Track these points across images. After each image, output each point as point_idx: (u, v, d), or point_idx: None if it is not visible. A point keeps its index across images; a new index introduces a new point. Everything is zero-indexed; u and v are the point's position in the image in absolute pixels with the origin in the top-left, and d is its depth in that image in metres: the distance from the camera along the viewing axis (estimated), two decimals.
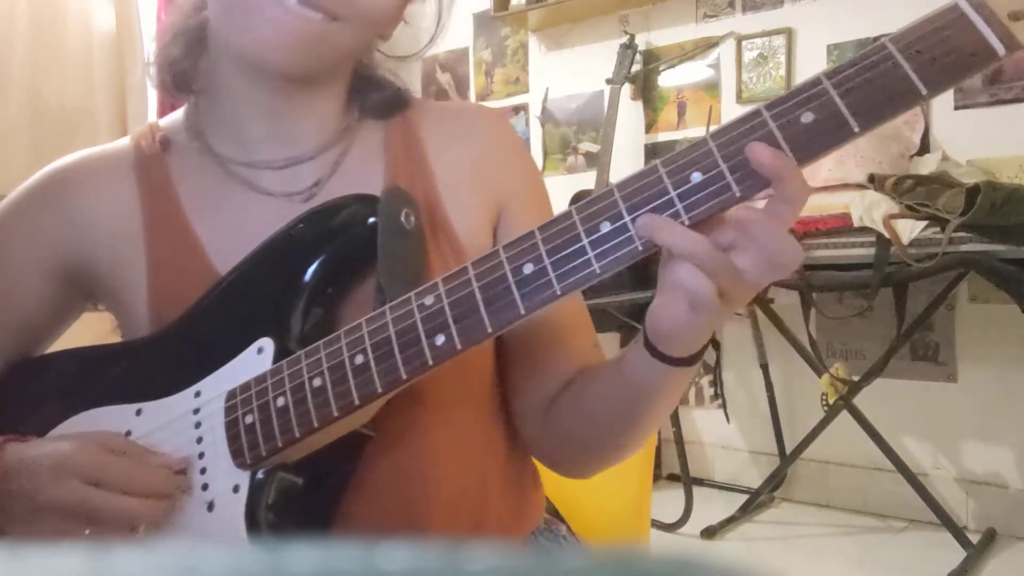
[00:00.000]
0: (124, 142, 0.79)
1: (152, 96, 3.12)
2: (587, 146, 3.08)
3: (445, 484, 0.71)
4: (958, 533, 2.11)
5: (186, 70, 0.76)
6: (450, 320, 0.58)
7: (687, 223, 0.54)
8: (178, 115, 0.80)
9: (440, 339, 0.58)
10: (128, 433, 0.68)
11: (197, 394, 0.67)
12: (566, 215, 0.56)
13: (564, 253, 0.55)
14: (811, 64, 2.62)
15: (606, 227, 0.55)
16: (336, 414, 0.60)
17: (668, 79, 2.93)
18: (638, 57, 2.89)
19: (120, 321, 0.77)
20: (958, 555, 2.06)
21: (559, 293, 0.55)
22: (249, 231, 0.71)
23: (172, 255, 0.73)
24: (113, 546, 0.17)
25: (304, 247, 0.68)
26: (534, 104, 3.23)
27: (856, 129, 0.51)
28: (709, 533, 2.35)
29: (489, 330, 0.57)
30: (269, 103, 0.73)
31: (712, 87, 2.82)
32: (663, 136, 2.94)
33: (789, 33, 2.65)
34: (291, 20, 0.64)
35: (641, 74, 2.94)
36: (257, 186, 0.74)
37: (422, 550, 0.16)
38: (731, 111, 2.79)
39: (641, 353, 0.62)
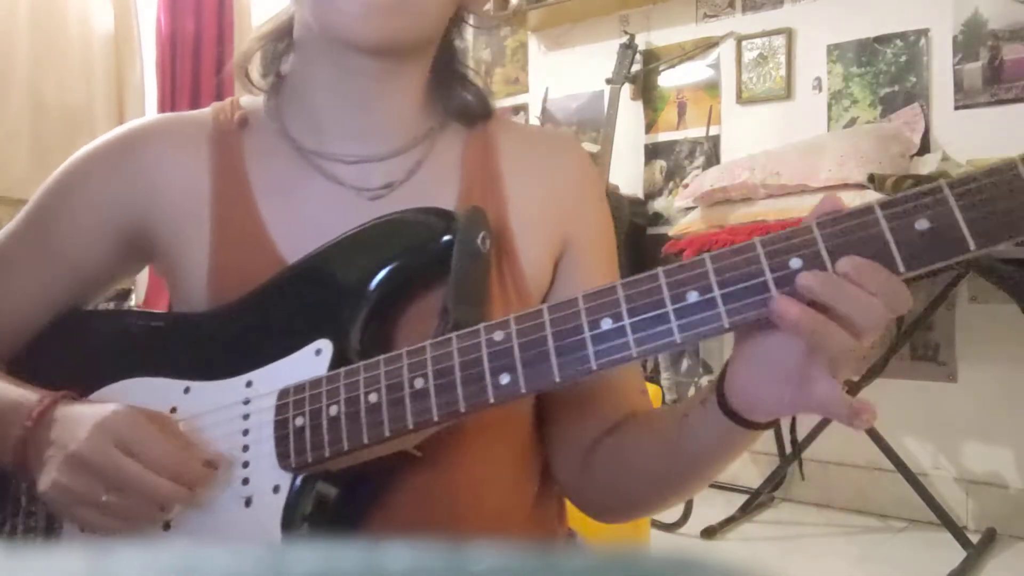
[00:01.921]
0: (205, 112, 0.79)
1: (151, 95, 3.12)
2: (587, 146, 3.08)
3: (472, 511, 0.70)
4: (958, 533, 2.11)
5: (272, 63, 0.78)
6: (518, 361, 0.57)
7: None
8: (259, 96, 0.80)
9: (505, 378, 0.57)
10: (173, 410, 0.68)
11: (249, 384, 0.66)
12: (652, 276, 0.55)
13: (647, 315, 0.54)
14: (811, 64, 2.62)
15: (693, 296, 0.53)
16: (387, 435, 0.60)
17: (668, 79, 2.93)
18: (638, 57, 2.89)
19: (174, 291, 0.76)
20: (958, 555, 2.05)
21: (634, 355, 0.54)
22: (315, 218, 0.71)
23: (237, 234, 0.73)
24: (113, 546, 0.17)
25: (375, 253, 0.67)
26: (534, 104, 3.23)
27: (972, 247, 0.49)
28: (709, 533, 2.34)
29: (557, 379, 0.56)
30: (347, 96, 0.73)
31: (712, 87, 2.82)
32: (663, 136, 2.94)
33: (789, 33, 2.65)
34: None
35: (641, 74, 2.94)
36: (330, 174, 0.74)
37: (424, 550, 0.16)
38: (731, 111, 2.79)
39: (713, 415, 0.60)
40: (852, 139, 2.27)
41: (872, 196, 2.07)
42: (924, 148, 2.35)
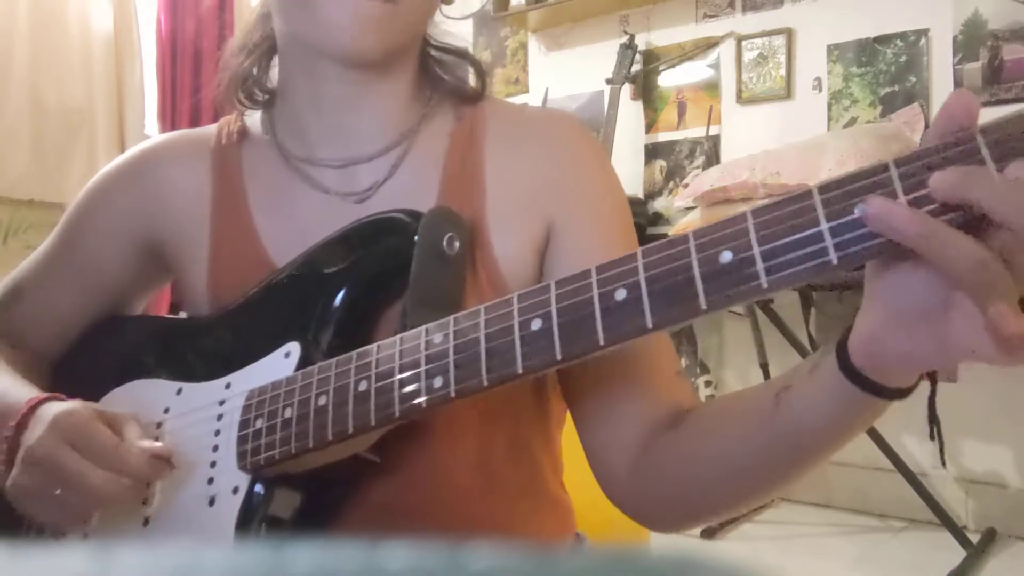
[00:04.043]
0: (211, 127, 0.83)
1: (151, 96, 3.12)
2: None
3: (448, 517, 0.69)
4: (958, 533, 2.11)
5: (258, 80, 0.80)
6: (451, 364, 0.55)
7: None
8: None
9: (438, 382, 0.55)
10: (167, 410, 0.71)
11: (227, 386, 0.68)
12: (585, 274, 0.51)
13: (573, 317, 0.50)
14: (811, 64, 2.62)
15: (621, 295, 0.49)
16: (330, 438, 0.59)
17: (668, 79, 2.93)
18: (638, 57, 2.90)
19: (184, 298, 0.80)
20: (958, 555, 2.06)
21: (559, 358, 0.51)
22: (304, 226, 0.73)
23: (232, 242, 0.76)
24: (114, 546, 0.17)
25: (344, 257, 0.68)
26: (534, 104, 3.22)
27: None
28: (709, 533, 2.34)
29: (484, 383, 0.53)
30: (330, 102, 0.74)
31: (712, 87, 2.82)
32: (663, 136, 2.94)
33: (789, 33, 2.65)
34: (355, 5, 0.66)
35: (641, 74, 2.94)
36: (317, 183, 0.75)
37: (423, 550, 0.16)
38: (731, 111, 2.79)
39: (828, 380, 0.51)
40: (852, 139, 2.27)
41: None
42: None
